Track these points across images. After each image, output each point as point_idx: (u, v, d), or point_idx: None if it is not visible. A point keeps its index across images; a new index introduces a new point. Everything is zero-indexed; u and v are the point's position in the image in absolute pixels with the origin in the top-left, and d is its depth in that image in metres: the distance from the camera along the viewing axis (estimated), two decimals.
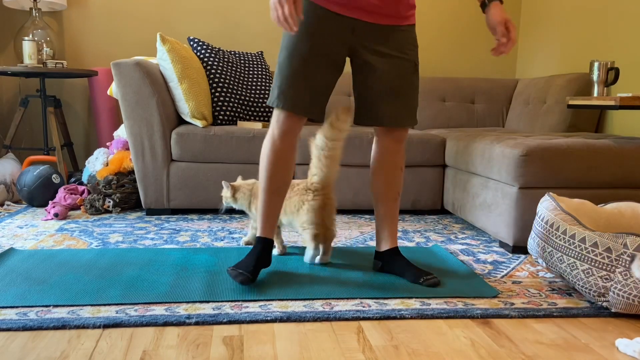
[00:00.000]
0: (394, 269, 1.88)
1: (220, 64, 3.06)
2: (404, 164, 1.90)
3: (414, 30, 1.78)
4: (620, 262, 1.55)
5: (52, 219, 2.65)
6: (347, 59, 1.80)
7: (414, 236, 2.49)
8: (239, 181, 2.23)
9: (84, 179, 3.09)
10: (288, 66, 1.69)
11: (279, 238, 2.15)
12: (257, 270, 1.77)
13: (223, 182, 2.20)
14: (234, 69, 3.11)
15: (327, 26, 1.67)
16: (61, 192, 2.86)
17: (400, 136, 1.85)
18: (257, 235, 1.85)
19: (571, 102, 2.40)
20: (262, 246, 1.83)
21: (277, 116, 1.75)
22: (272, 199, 1.82)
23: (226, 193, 2.20)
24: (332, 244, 2.07)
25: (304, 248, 2.19)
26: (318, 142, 1.92)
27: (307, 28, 1.66)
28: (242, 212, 2.67)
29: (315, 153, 1.95)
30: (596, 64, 2.45)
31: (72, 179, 3.25)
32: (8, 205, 3.00)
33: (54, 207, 2.69)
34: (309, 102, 1.71)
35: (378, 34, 1.71)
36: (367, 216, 2.90)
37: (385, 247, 1.91)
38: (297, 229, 2.02)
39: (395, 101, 1.76)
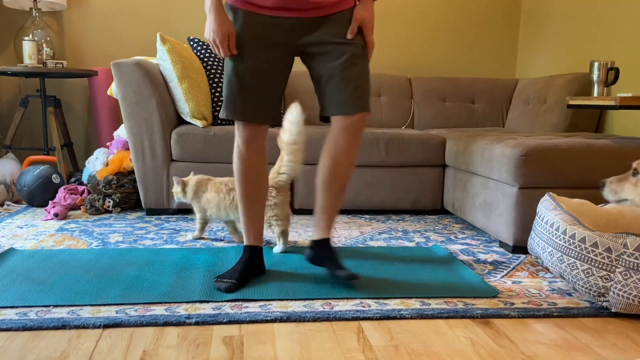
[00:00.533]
0: (319, 259, 1.84)
1: (220, 64, 3.06)
2: (355, 159, 1.80)
3: (352, 12, 1.73)
4: (620, 262, 1.55)
5: (52, 219, 2.65)
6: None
7: (414, 236, 2.49)
8: (190, 177, 2.31)
9: (84, 179, 3.09)
10: (234, 78, 1.69)
11: (237, 233, 2.31)
12: (244, 277, 1.77)
13: (174, 178, 2.28)
14: None
15: (266, 32, 1.67)
16: (61, 192, 2.86)
17: (354, 125, 1.72)
18: (245, 244, 1.86)
19: (571, 102, 2.40)
20: (250, 254, 1.83)
21: (236, 125, 1.77)
22: (251, 207, 1.82)
23: (176, 188, 2.29)
24: (334, 245, 2.11)
25: (303, 249, 2.19)
26: (284, 137, 2.03)
27: (248, 40, 1.67)
28: None
29: (285, 149, 2.05)
30: (596, 64, 2.45)
31: (72, 179, 3.25)
32: (8, 205, 3.00)
33: (54, 207, 2.69)
34: (260, 110, 1.72)
35: (315, 26, 1.69)
36: (367, 216, 2.90)
37: (316, 236, 1.85)
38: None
39: (346, 87, 1.69)
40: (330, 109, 1.73)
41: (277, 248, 2.16)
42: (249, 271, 1.80)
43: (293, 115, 1.99)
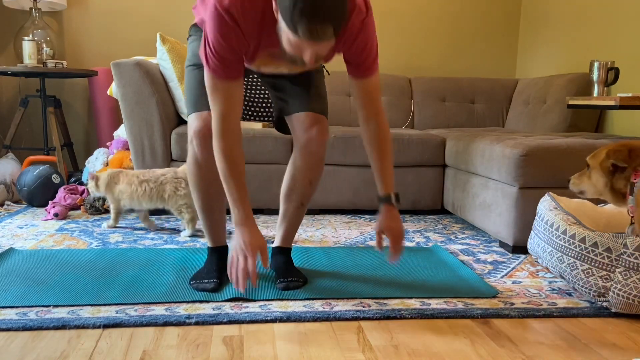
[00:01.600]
0: (273, 264, 1.86)
1: None
2: (315, 179, 1.75)
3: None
4: (620, 262, 1.55)
5: (52, 219, 2.65)
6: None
7: (414, 236, 2.49)
8: (102, 171, 2.49)
9: (84, 179, 3.09)
10: (199, 85, 1.64)
11: (147, 220, 2.51)
12: (223, 275, 1.76)
13: (88, 174, 2.46)
14: None
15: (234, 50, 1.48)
16: (61, 192, 2.86)
17: (315, 132, 1.68)
18: (211, 246, 1.82)
19: (571, 102, 2.40)
20: (219, 255, 1.81)
21: (193, 119, 1.65)
22: (209, 213, 1.77)
23: (90, 183, 2.45)
24: (333, 244, 2.16)
25: (302, 249, 2.19)
26: None
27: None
28: None
29: None
30: (596, 64, 2.45)
31: (72, 179, 3.25)
32: (8, 205, 3.00)
33: (54, 207, 2.69)
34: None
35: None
36: (367, 216, 2.90)
37: (276, 243, 1.89)
38: (172, 212, 2.39)
39: (309, 88, 1.70)
40: (291, 108, 1.72)
41: (185, 233, 2.38)
42: (223, 269, 1.78)
43: None
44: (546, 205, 1.83)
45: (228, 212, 1.76)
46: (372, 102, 1.60)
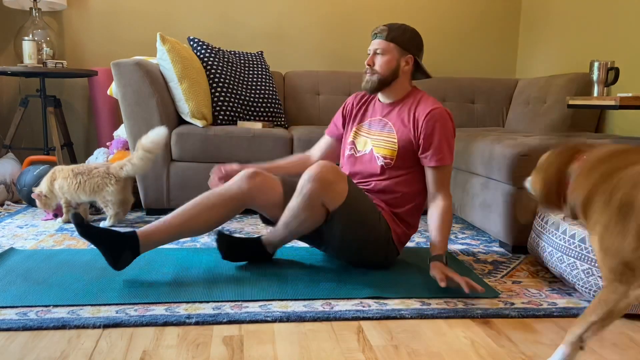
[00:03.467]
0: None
1: (220, 64, 3.06)
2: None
3: None
4: None
5: (52, 219, 2.65)
6: None
7: (414, 236, 2.49)
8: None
9: None
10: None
11: (85, 213, 2.69)
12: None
13: (33, 196, 2.56)
14: (234, 69, 3.11)
15: None
16: None
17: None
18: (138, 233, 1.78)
19: (571, 102, 2.40)
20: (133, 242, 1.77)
21: None
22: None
23: (40, 202, 2.55)
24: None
25: (302, 249, 2.19)
26: (146, 146, 2.42)
27: None
28: (243, 212, 2.66)
29: (140, 154, 2.44)
30: (596, 64, 2.45)
31: None
32: (8, 205, 3.00)
33: None
34: None
35: None
36: None
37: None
38: (99, 204, 2.54)
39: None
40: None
41: (106, 223, 2.54)
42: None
43: (159, 135, 2.42)
44: None
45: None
46: (434, 186, 1.89)
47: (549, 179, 1.29)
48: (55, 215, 2.65)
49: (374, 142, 1.96)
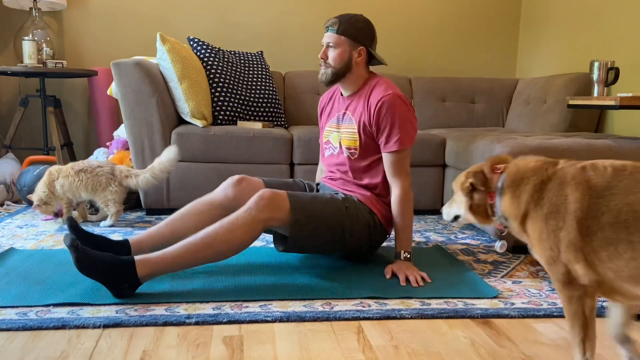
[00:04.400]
0: None
1: (220, 64, 3.06)
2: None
3: None
4: None
5: (52, 219, 2.65)
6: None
7: (414, 236, 2.49)
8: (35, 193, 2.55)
9: None
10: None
11: (83, 211, 2.67)
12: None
13: (35, 206, 2.53)
14: (234, 68, 3.11)
15: None
16: None
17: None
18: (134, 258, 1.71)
19: (571, 102, 2.40)
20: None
21: None
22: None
23: (40, 208, 2.52)
24: None
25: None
26: (165, 164, 2.44)
27: None
28: None
29: (159, 167, 2.45)
30: (596, 64, 2.45)
31: None
32: (8, 205, 3.00)
33: None
34: None
35: None
36: None
37: None
38: (98, 203, 2.53)
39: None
40: None
41: (106, 222, 2.53)
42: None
43: (173, 153, 2.43)
44: None
45: None
46: (388, 173, 1.93)
47: (472, 197, 1.32)
48: (56, 215, 2.65)
49: (341, 135, 2.01)
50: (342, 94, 2.05)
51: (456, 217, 1.42)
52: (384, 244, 2.24)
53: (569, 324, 1.15)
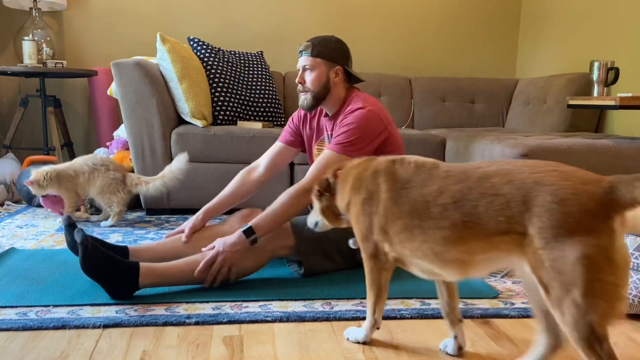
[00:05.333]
0: None
1: (220, 64, 3.06)
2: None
3: None
4: None
5: (60, 213, 2.64)
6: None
7: None
8: (36, 173, 2.53)
9: None
10: None
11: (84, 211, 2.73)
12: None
13: (27, 182, 2.52)
14: (234, 69, 3.11)
15: None
16: None
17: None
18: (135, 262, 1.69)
19: (571, 102, 2.40)
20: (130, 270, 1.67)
21: None
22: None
23: (36, 190, 2.51)
24: None
25: None
26: (176, 173, 2.49)
27: None
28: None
29: (170, 175, 2.50)
30: (596, 64, 2.45)
31: None
32: (8, 205, 3.00)
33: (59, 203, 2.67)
34: None
35: None
36: None
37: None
38: (100, 203, 2.57)
39: None
40: None
41: (107, 222, 2.55)
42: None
43: (183, 160, 2.48)
44: None
45: None
46: (313, 165, 1.86)
47: (321, 202, 1.46)
48: (61, 213, 2.65)
49: None
50: (327, 114, 2.00)
51: (317, 223, 1.51)
52: None
53: (368, 289, 1.36)
